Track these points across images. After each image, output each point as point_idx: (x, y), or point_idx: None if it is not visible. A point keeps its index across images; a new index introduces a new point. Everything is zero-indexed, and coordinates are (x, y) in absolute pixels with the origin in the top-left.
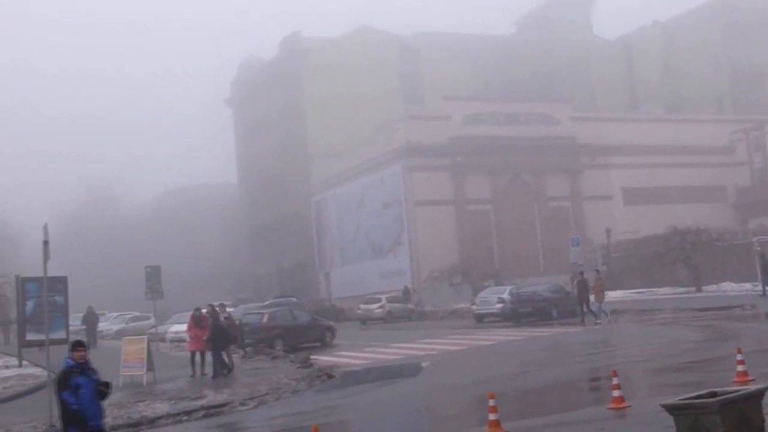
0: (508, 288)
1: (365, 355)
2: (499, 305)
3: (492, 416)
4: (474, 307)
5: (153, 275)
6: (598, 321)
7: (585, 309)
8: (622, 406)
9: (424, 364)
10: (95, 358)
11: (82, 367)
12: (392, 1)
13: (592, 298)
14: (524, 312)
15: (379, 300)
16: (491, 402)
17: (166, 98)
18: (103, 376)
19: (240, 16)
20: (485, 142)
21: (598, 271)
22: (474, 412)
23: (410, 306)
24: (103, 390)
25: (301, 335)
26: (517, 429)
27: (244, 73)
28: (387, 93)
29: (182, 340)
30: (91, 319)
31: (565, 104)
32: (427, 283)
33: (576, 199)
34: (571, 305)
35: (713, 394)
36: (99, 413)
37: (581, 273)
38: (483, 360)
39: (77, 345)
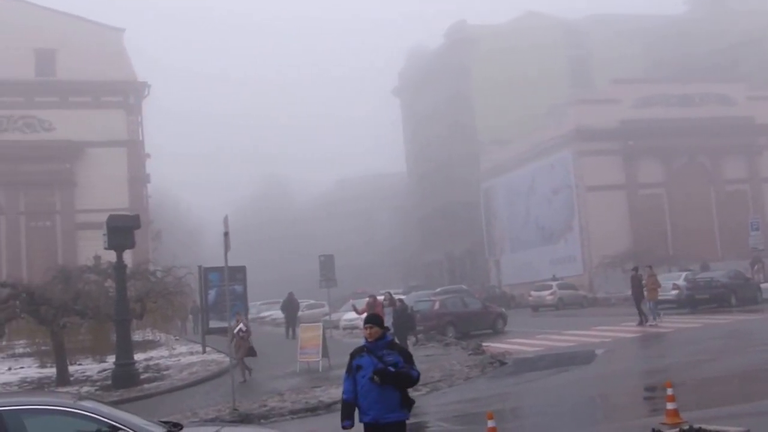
0: (684, 274)
1: (537, 342)
2: (675, 292)
3: (670, 405)
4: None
5: (327, 264)
6: (652, 322)
7: (643, 307)
8: None
9: (597, 352)
10: (289, 345)
11: (371, 347)
12: None
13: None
14: (701, 299)
15: (550, 287)
16: (669, 391)
17: (338, 92)
18: (282, 362)
19: (406, 6)
20: (657, 125)
21: (650, 267)
22: (650, 401)
23: (582, 292)
24: (372, 377)
25: (472, 322)
26: (696, 419)
27: (411, 63)
28: (555, 77)
29: (355, 327)
30: (291, 306)
31: (741, 83)
32: (599, 269)
33: (755, 182)
34: (751, 291)
35: None
36: (377, 405)
37: (635, 269)
38: (658, 348)
39: (366, 321)
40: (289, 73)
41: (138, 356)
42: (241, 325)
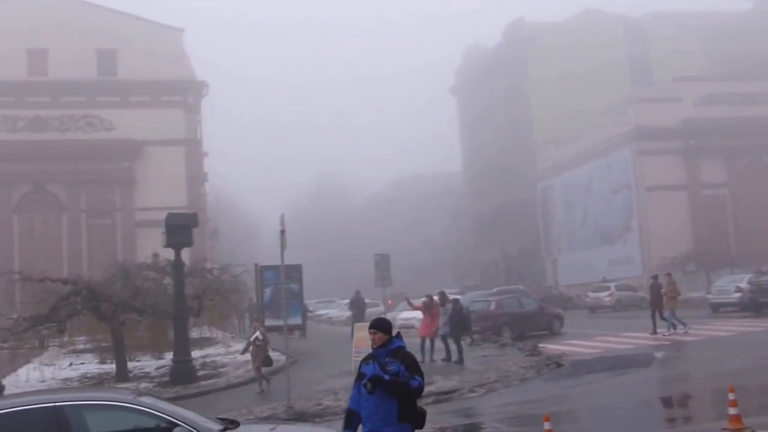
0: (747, 276)
1: (595, 344)
2: (737, 294)
3: (732, 410)
4: (710, 296)
5: (382, 263)
6: (674, 330)
7: (661, 317)
8: None
9: (657, 355)
10: (345, 344)
11: (375, 354)
12: None
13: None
14: (765, 302)
15: (608, 288)
16: (731, 396)
17: (393, 91)
18: (337, 360)
19: (462, 5)
20: (720, 124)
21: (669, 275)
22: (711, 406)
23: (641, 294)
24: (365, 384)
25: (528, 323)
26: (759, 425)
27: (468, 62)
28: (614, 75)
29: (411, 327)
30: (358, 305)
31: None
32: (659, 270)
33: None
34: None
35: None
36: (373, 416)
37: (655, 276)
38: (720, 351)
39: (370, 326)
40: (345, 73)
41: (195, 353)
42: (257, 333)
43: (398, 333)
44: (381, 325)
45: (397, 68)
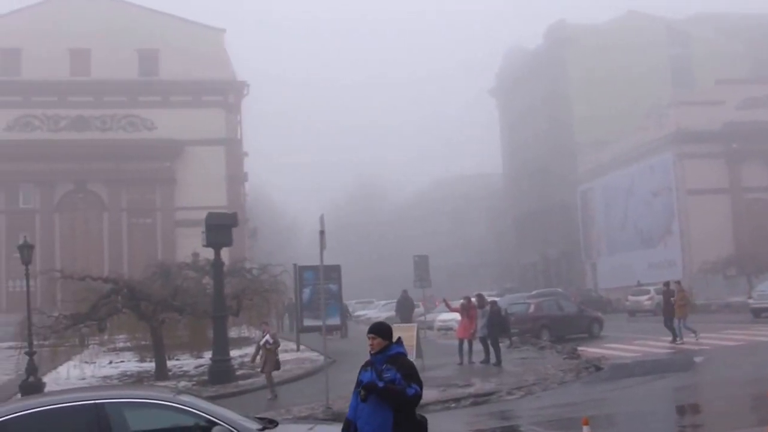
0: None
1: (634, 347)
2: None
3: None
4: (751, 300)
5: (421, 264)
6: (680, 340)
7: (674, 324)
8: None
9: (696, 359)
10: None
11: (372, 361)
12: None
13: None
14: None
15: (648, 291)
16: None
17: (433, 93)
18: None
19: (503, 6)
20: (763, 127)
21: (678, 283)
22: (751, 411)
23: None
24: (359, 391)
25: (567, 326)
26: None
27: (508, 64)
28: (655, 77)
29: (450, 329)
30: (406, 305)
31: None
32: (700, 274)
33: None
34: None
35: None
36: (367, 426)
37: (666, 284)
38: (761, 356)
39: (368, 330)
40: (386, 74)
41: (234, 353)
42: (267, 337)
43: (399, 339)
44: (379, 330)
45: (437, 70)
